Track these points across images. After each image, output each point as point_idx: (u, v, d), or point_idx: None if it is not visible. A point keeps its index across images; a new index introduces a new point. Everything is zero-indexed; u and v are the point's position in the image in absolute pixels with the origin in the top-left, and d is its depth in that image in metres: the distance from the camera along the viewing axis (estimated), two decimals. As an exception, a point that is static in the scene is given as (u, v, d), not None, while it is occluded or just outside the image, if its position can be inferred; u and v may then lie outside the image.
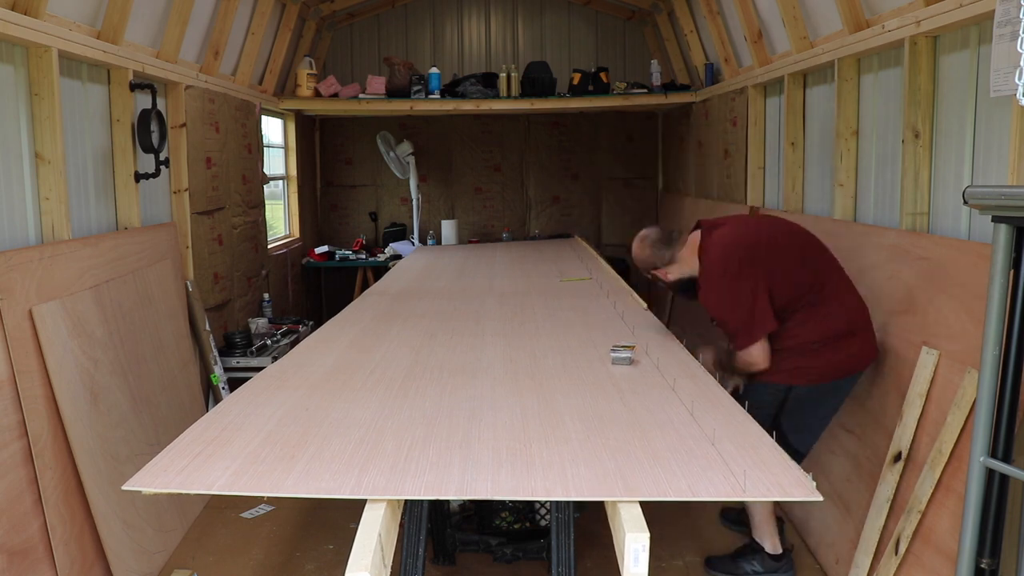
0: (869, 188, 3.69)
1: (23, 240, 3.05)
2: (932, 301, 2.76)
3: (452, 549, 3.16)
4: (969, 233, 2.87)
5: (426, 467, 1.79)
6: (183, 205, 4.39)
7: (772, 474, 1.74)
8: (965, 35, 2.89)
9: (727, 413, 2.15)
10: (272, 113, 6.62)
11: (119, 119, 3.75)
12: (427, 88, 6.66)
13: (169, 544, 3.31)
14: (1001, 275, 1.94)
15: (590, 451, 1.87)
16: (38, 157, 3.11)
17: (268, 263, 5.98)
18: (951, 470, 2.46)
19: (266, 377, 2.52)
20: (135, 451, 3.20)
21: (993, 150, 2.74)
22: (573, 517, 2.16)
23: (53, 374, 2.78)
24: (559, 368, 2.62)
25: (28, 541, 2.55)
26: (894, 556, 2.61)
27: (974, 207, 2.03)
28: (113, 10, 3.51)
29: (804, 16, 4.18)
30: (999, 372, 1.97)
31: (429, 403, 2.25)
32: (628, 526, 1.54)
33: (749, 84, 5.08)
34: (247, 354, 4.77)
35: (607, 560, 3.04)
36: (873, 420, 2.99)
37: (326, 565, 3.23)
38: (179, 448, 1.90)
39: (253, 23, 5.39)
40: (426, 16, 7.66)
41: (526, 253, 5.90)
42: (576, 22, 7.68)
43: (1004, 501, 2.01)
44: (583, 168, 8.04)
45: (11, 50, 2.98)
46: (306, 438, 1.96)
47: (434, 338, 3.07)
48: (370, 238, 7.89)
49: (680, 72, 6.91)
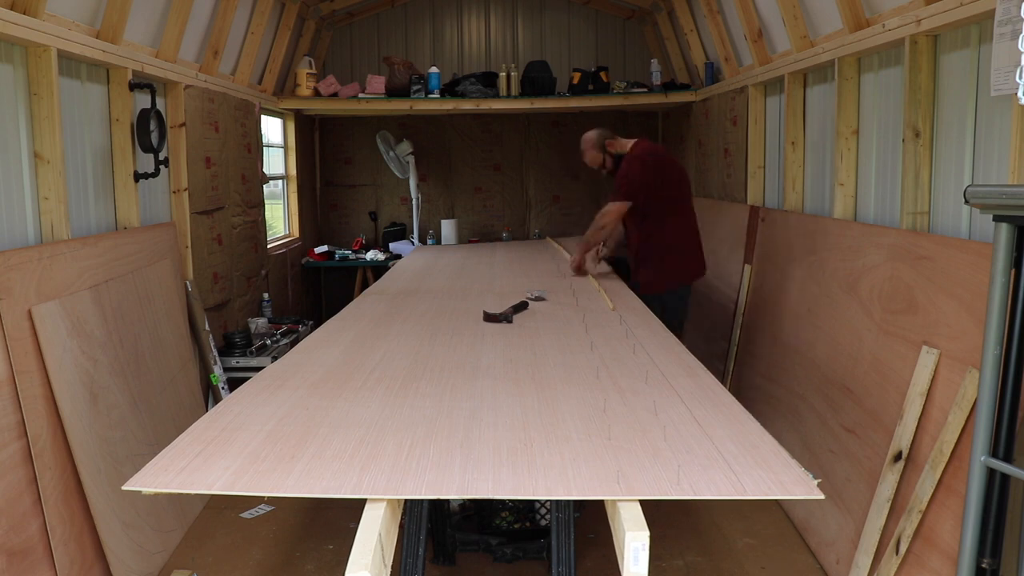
0: (869, 187, 3.69)
1: (22, 240, 3.05)
2: (932, 301, 2.76)
3: (452, 549, 3.16)
4: (970, 232, 2.87)
5: (427, 466, 1.79)
6: (182, 205, 4.38)
7: (773, 472, 1.74)
8: (966, 34, 2.89)
9: (727, 412, 2.14)
10: (272, 113, 6.61)
11: (118, 119, 3.75)
12: (427, 88, 6.66)
13: (169, 544, 3.30)
14: (1002, 274, 1.94)
15: (590, 450, 1.87)
16: (37, 157, 3.10)
17: (268, 263, 5.97)
18: (952, 470, 2.46)
19: (266, 377, 2.51)
20: (134, 451, 3.19)
21: (994, 149, 2.74)
22: (573, 517, 2.16)
23: (52, 374, 2.78)
24: (559, 367, 2.61)
25: (28, 541, 2.54)
26: (895, 556, 2.60)
27: (975, 206, 2.03)
28: (112, 10, 3.50)
29: (804, 15, 4.17)
30: (1000, 371, 1.97)
31: (429, 402, 2.25)
32: (628, 525, 1.54)
33: (749, 83, 5.08)
34: (247, 354, 4.76)
35: (607, 560, 3.04)
36: (873, 420, 2.99)
37: (326, 565, 3.22)
38: (179, 448, 1.90)
39: (252, 22, 5.38)
40: (426, 15, 7.66)
41: (526, 253, 5.90)
42: (576, 21, 7.68)
43: (1005, 501, 2.00)
44: (583, 168, 7.98)
45: (10, 50, 2.98)
46: (306, 438, 1.96)
47: (434, 337, 3.06)
48: (370, 238, 7.89)
49: (680, 71, 6.90)
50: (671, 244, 4.32)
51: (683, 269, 4.40)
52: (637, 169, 4.27)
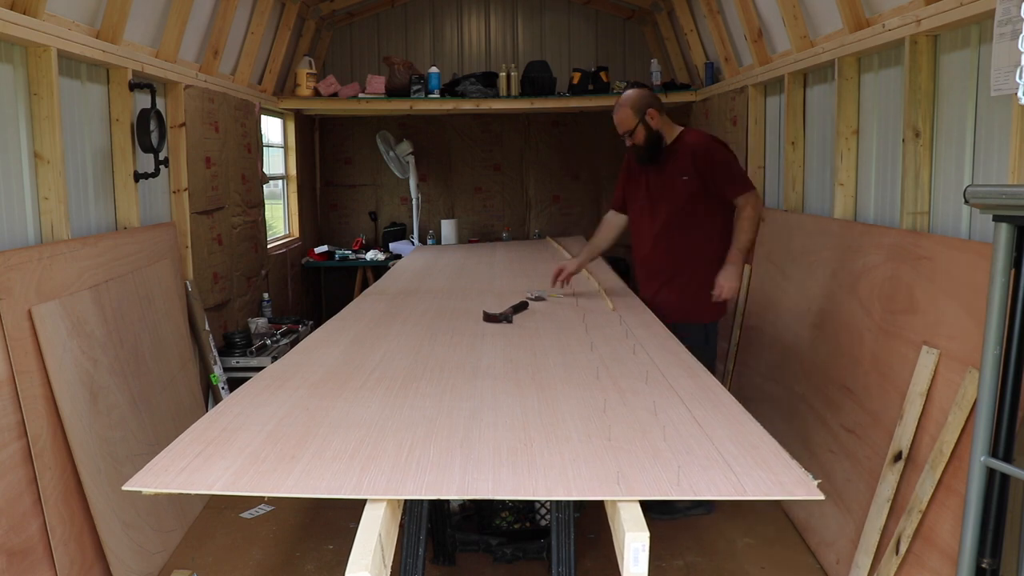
0: (869, 187, 3.69)
1: (22, 240, 3.05)
2: (932, 301, 2.76)
3: (452, 549, 3.16)
4: (970, 232, 2.87)
5: (427, 467, 1.79)
6: (182, 205, 4.38)
7: (773, 473, 1.74)
8: (965, 34, 2.89)
9: (727, 412, 2.14)
10: (272, 112, 6.61)
11: (118, 119, 3.75)
12: (427, 87, 6.66)
13: (169, 544, 3.30)
14: (1002, 274, 1.94)
15: (590, 451, 1.87)
16: (37, 157, 3.10)
17: (268, 263, 5.97)
18: (952, 470, 2.46)
19: (266, 377, 2.51)
20: (135, 451, 3.19)
21: (994, 149, 2.74)
22: (573, 517, 2.16)
23: (52, 374, 2.78)
24: (559, 367, 2.61)
25: (28, 541, 2.54)
26: (895, 556, 2.61)
27: (975, 206, 2.03)
28: (112, 9, 3.50)
29: (804, 15, 4.18)
30: (1000, 371, 1.97)
31: (429, 402, 2.24)
32: (628, 526, 1.54)
33: (749, 83, 5.08)
34: (247, 354, 4.76)
35: (607, 560, 3.04)
36: (873, 420, 2.99)
37: (326, 565, 3.22)
38: (179, 448, 1.90)
39: (252, 22, 5.38)
40: (426, 15, 7.66)
41: (526, 253, 5.89)
42: (576, 21, 7.68)
43: (1005, 501, 2.01)
44: (583, 168, 8.03)
45: (10, 50, 2.98)
46: (306, 438, 1.96)
47: (434, 337, 3.06)
48: (370, 238, 7.89)
49: (680, 71, 6.90)
50: (723, 256, 3.48)
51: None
52: (732, 154, 3.61)
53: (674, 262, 3.58)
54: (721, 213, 3.51)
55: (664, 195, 3.59)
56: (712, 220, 3.52)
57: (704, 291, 3.47)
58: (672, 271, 3.59)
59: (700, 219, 3.52)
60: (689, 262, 3.55)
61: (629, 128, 3.61)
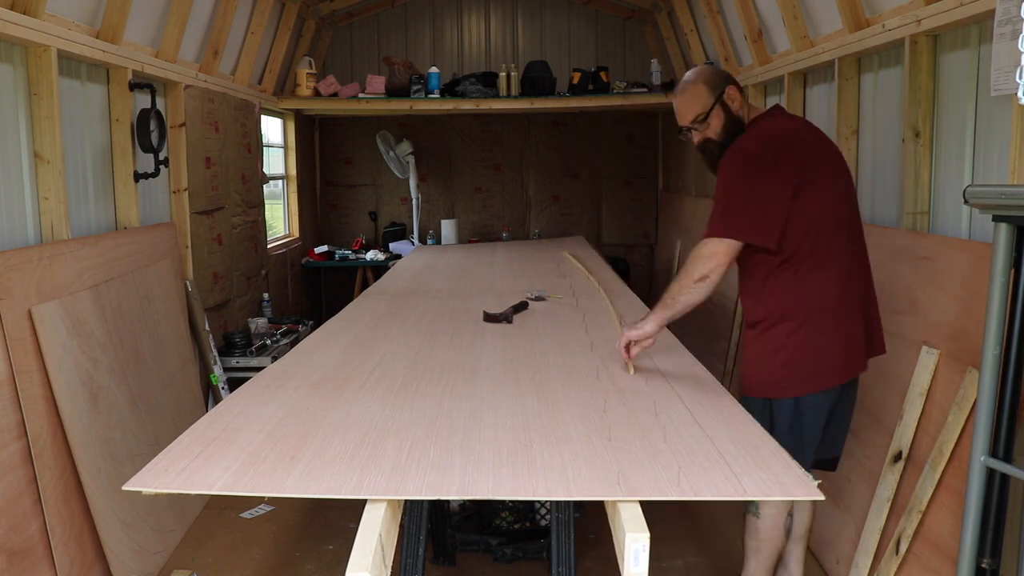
0: (869, 187, 3.69)
1: (22, 240, 3.05)
2: (932, 301, 2.76)
3: (452, 549, 3.16)
4: (970, 232, 2.87)
5: (427, 467, 1.79)
6: (182, 205, 4.38)
7: (773, 473, 1.73)
8: (965, 34, 2.89)
9: (728, 413, 2.14)
10: (272, 112, 6.61)
11: (118, 119, 3.75)
12: (427, 87, 6.66)
13: (169, 544, 3.30)
14: (1002, 275, 1.94)
15: (591, 451, 1.87)
16: (37, 157, 3.10)
17: (268, 263, 5.97)
18: (952, 470, 2.46)
19: (266, 377, 2.51)
20: (135, 451, 3.19)
21: (994, 149, 2.74)
22: (573, 517, 2.16)
23: (52, 374, 2.78)
24: (559, 367, 2.61)
25: (28, 541, 2.54)
26: (895, 556, 2.61)
27: (975, 206, 2.03)
28: (112, 9, 3.50)
29: (804, 15, 4.17)
30: (1000, 371, 1.97)
31: (429, 403, 2.24)
32: (628, 526, 1.54)
33: (749, 83, 5.07)
34: (247, 354, 4.76)
35: (607, 560, 3.04)
36: (873, 420, 2.99)
37: (326, 565, 3.23)
38: (179, 448, 1.90)
39: (252, 22, 5.38)
40: (426, 15, 7.66)
41: (526, 252, 5.89)
42: (576, 21, 7.68)
43: (1005, 501, 2.01)
44: (583, 168, 8.03)
45: (10, 50, 2.98)
46: (306, 438, 1.96)
47: (434, 338, 3.06)
48: (370, 238, 7.89)
49: (680, 71, 6.90)
50: (819, 307, 2.40)
51: (838, 356, 2.44)
52: (747, 169, 2.36)
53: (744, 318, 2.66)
54: (764, 263, 2.41)
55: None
56: (754, 269, 2.46)
57: (757, 357, 2.51)
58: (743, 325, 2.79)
59: (744, 263, 2.49)
60: (745, 319, 2.63)
61: (700, 113, 2.50)
